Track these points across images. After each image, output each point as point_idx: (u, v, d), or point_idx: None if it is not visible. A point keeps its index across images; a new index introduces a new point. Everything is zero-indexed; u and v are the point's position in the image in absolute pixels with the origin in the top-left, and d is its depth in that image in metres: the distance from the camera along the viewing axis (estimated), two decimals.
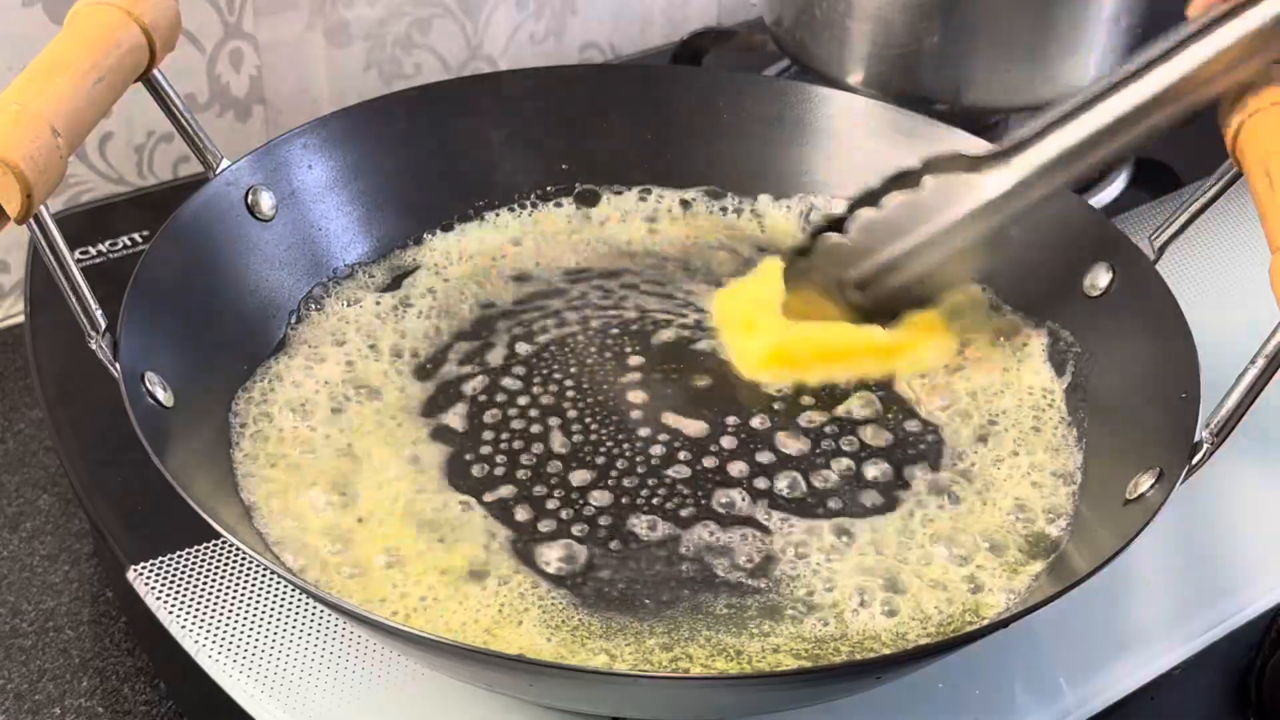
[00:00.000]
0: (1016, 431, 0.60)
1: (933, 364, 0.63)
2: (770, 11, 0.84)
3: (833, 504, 0.57)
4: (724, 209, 0.72)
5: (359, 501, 0.56)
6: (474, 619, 0.52)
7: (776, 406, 0.62)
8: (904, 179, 0.61)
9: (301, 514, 0.55)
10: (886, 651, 0.51)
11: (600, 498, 0.57)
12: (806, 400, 0.62)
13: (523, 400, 0.62)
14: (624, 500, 0.57)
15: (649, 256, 0.70)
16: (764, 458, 0.59)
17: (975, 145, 0.62)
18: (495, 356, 0.64)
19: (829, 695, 0.52)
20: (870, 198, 0.61)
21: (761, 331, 0.63)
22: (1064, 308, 0.64)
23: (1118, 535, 0.49)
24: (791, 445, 0.60)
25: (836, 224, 0.62)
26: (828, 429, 0.61)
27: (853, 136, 0.71)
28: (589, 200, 0.72)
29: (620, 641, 0.51)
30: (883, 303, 0.63)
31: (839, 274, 0.62)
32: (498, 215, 0.71)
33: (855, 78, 0.79)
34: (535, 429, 0.60)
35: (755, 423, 0.61)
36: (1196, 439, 0.51)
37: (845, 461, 0.59)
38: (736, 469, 0.59)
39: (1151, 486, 0.52)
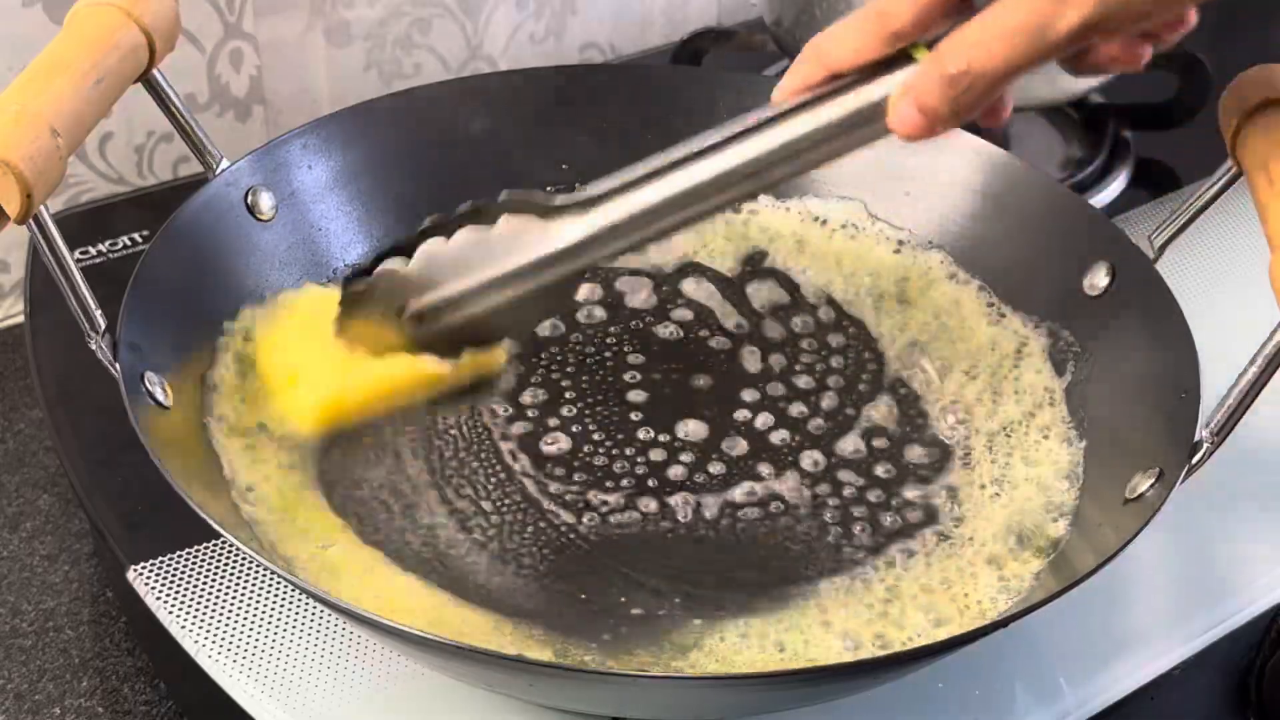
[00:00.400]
0: (1016, 432, 0.60)
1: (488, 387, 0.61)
2: (770, 11, 0.84)
3: (833, 503, 0.57)
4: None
5: (358, 500, 0.56)
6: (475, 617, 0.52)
7: (782, 407, 0.62)
8: (479, 214, 0.57)
9: (301, 513, 0.55)
10: (886, 652, 0.51)
11: (600, 499, 0.57)
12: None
13: (522, 399, 0.62)
14: (624, 502, 0.57)
15: (648, 256, 0.70)
16: (766, 464, 0.59)
17: (556, 195, 0.57)
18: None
19: (829, 695, 0.52)
20: (441, 228, 0.57)
21: (309, 383, 0.59)
22: (1064, 308, 0.64)
23: (1118, 535, 0.49)
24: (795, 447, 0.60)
25: (402, 249, 0.58)
26: (831, 429, 0.61)
27: None
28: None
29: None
30: (441, 338, 0.59)
31: (396, 304, 0.58)
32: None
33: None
34: (532, 427, 0.60)
35: (759, 423, 0.61)
36: (1196, 439, 0.51)
37: (848, 464, 0.59)
38: (740, 471, 0.59)
39: (1151, 486, 0.52)
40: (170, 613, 0.54)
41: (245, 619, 0.54)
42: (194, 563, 0.56)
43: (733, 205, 0.57)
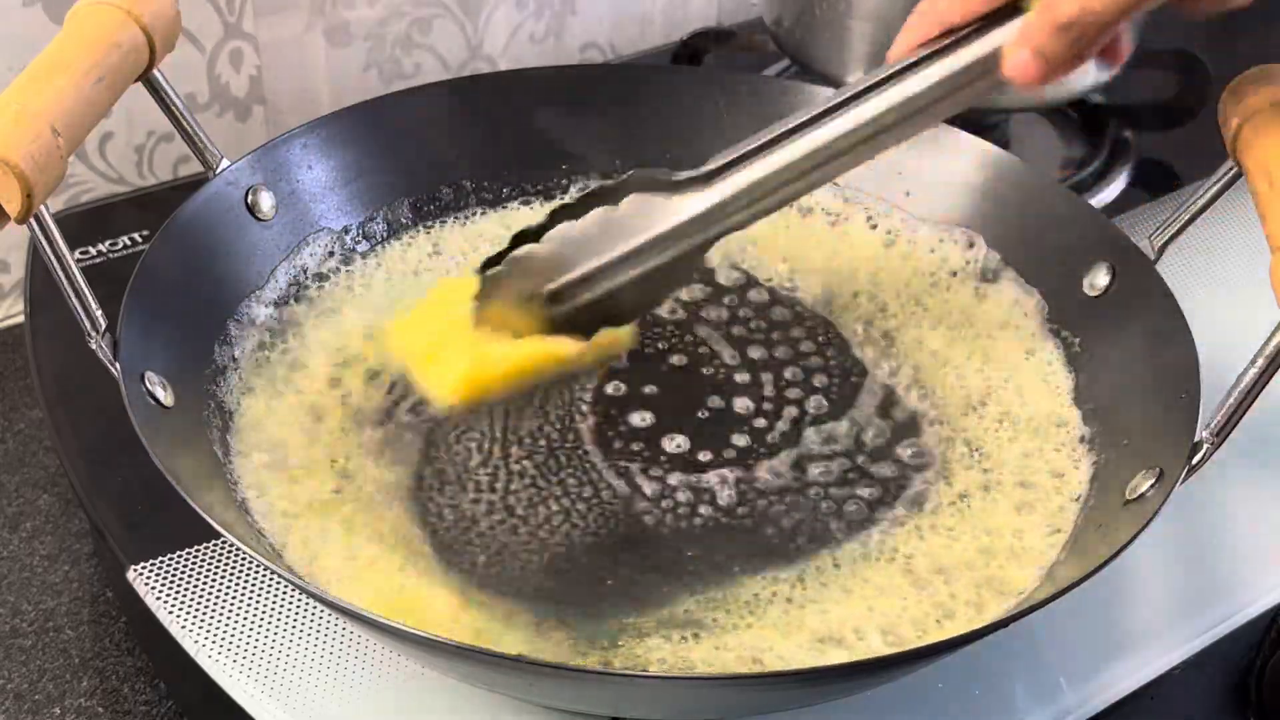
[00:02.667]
0: (1017, 432, 0.60)
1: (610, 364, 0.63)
2: (770, 11, 0.84)
3: (833, 499, 0.57)
4: None
5: (357, 499, 0.56)
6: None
7: (781, 412, 0.62)
8: (605, 194, 0.59)
9: (301, 513, 0.55)
10: (886, 652, 0.51)
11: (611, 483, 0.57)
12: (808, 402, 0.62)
13: (515, 400, 0.62)
14: (622, 505, 0.57)
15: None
16: (773, 464, 0.59)
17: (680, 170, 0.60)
18: None
19: (829, 695, 0.52)
20: (570, 211, 0.60)
21: (450, 358, 0.60)
22: (1064, 308, 0.64)
23: (1118, 535, 0.49)
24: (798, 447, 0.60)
25: (534, 234, 0.60)
26: (829, 424, 0.61)
27: None
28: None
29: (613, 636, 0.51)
30: (575, 317, 0.61)
31: (532, 286, 0.60)
32: (497, 214, 0.71)
33: (855, 78, 0.79)
34: (529, 422, 0.60)
35: (757, 422, 0.61)
36: (1196, 439, 0.51)
37: (850, 460, 0.59)
38: (736, 481, 0.59)
39: (1151, 486, 0.52)
40: (170, 613, 0.54)
41: (245, 619, 0.54)
42: (194, 563, 0.56)
43: (852, 168, 0.58)
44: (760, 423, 0.61)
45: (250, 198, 0.63)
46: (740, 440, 0.60)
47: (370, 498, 0.56)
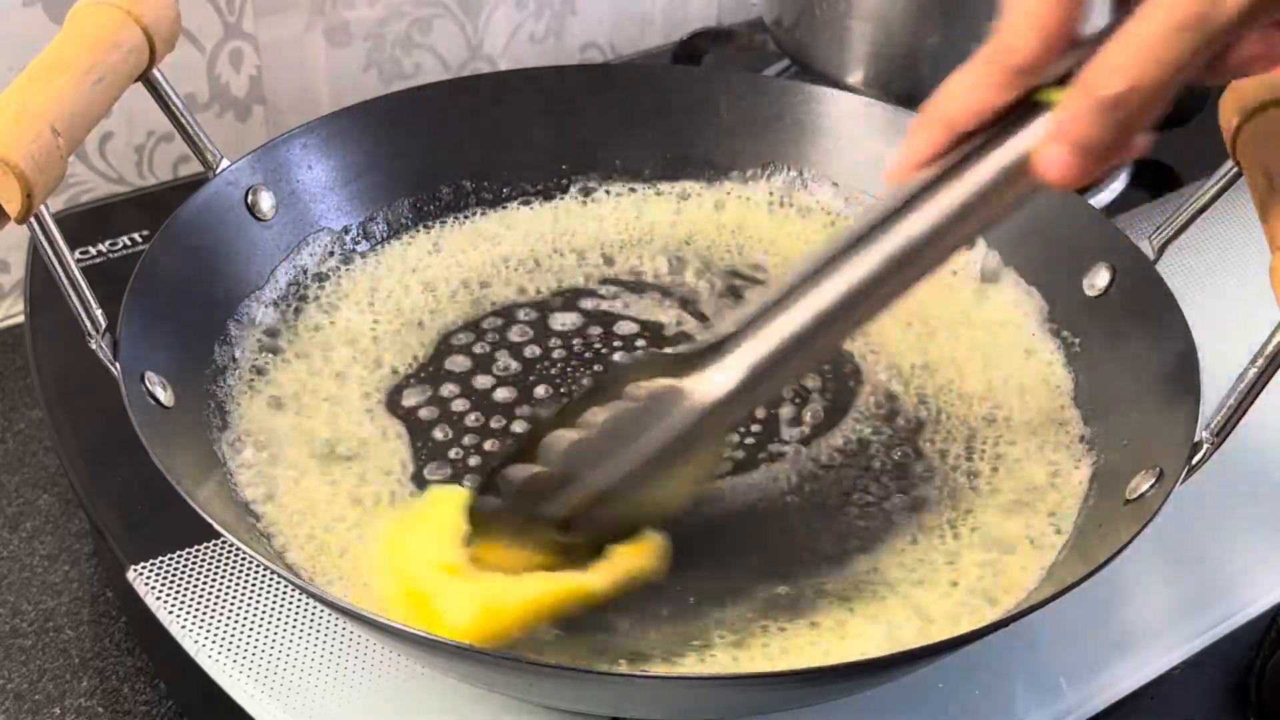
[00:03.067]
0: (1017, 431, 0.60)
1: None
2: (770, 11, 0.84)
3: (832, 500, 0.57)
4: (722, 207, 0.72)
5: (356, 498, 0.56)
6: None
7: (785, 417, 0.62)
8: (602, 390, 0.51)
9: (302, 511, 0.55)
10: (886, 652, 0.51)
11: None
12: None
13: (514, 396, 0.62)
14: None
15: (646, 254, 0.70)
16: (771, 469, 0.59)
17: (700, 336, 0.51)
18: (488, 354, 0.64)
19: (829, 695, 0.52)
20: (566, 415, 0.51)
21: (452, 597, 0.50)
22: (1064, 308, 0.64)
23: (1118, 535, 0.49)
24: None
25: (523, 451, 0.51)
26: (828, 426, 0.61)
27: (853, 136, 0.71)
28: (587, 200, 0.72)
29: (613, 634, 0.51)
30: (590, 538, 0.51)
31: (537, 513, 0.51)
32: (497, 214, 0.71)
33: (855, 78, 0.79)
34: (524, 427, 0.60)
35: (767, 435, 0.61)
36: (1196, 439, 0.51)
37: (848, 461, 0.59)
38: (733, 486, 0.59)
39: (1151, 486, 0.52)
40: (170, 613, 0.54)
41: (245, 619, 0.54)
42: (194, 563, 0.56)
43: (879, 313, 0.49)
44: (756, 428, 0.61)
45: (250, 198, 0.63)
46: (739, 444, 0.60)
47: (371, 495, 0.56)
